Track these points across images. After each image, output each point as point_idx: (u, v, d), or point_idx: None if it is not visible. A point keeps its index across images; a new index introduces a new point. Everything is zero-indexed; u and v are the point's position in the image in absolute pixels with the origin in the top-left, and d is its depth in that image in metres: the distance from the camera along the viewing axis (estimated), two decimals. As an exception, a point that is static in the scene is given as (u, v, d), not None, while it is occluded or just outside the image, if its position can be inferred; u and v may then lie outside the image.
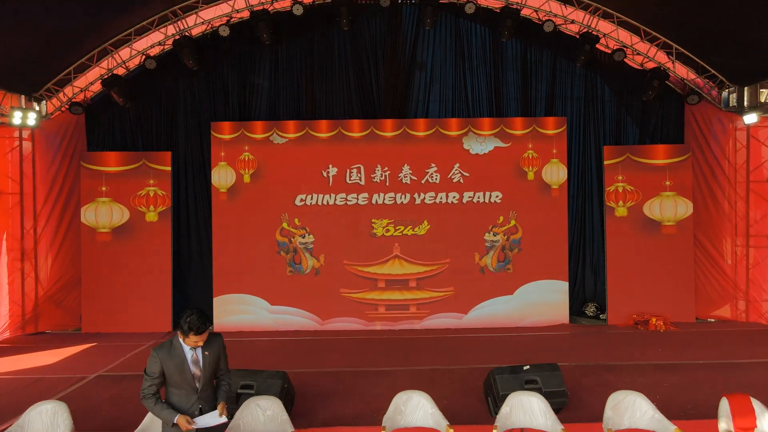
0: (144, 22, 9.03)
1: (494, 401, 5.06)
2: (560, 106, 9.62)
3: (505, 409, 4.39)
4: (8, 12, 6.95)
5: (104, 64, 9.25)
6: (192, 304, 9.38)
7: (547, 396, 4.66)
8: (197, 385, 3.51)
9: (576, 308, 9.74)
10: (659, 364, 6.92)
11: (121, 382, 6.57)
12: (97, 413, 5.64)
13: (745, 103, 9.13)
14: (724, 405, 4.26)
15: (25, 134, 9.11)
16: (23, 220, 9.09)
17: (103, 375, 6.93)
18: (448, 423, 4.27)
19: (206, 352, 3.54)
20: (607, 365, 6.90)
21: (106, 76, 9.08)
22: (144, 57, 9.20)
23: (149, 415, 4.23)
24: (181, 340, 3.49)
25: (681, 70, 9.45)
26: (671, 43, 9.19)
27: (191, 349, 3.50)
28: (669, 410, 4.63)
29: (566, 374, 5.67)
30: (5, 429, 4.28)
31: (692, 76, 9.45)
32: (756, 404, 4.24)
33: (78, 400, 5.92)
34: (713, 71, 9.23)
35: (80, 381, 6.67)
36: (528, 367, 5.31)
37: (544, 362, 5.58)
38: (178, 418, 3.38)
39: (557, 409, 4.93)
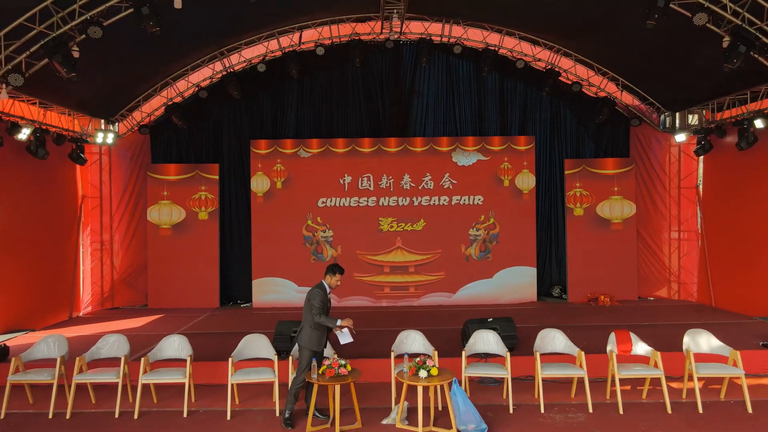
0: (198, 61, 11.36)
1: (466, 339, 7.34)
2: (530, 127, 11.95)
3: (471, 340, 6.68)
4: (93, 58, 9.19)
5: (165, 93, 11.58)
6: (234, 287, 11.85)
7: (503, 338, 6.90)
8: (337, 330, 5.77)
9: (544, 290, 12.05)
10: (596, 325, 9.19)
11: (198, 337, 8.87)
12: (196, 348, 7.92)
13: (677, 125, 11.46)
14: (612, 336, 6.56)
15: (104, 150, 11.45)
16: (102, 218, 11.44)
17: (182, 333, 9.22)
18: (434, 348, 6.55)
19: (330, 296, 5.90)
20: (557, 326, 9.17)
21: (168, 104, 11.41)
22: (197, 88, 11.53)
23: (240, 343, 6.51)
24: (326, 285, 5.77)
25: (627, 98, 11.77)
26: (618, 77, 11.51)
27: (329, 292, 5.81)
28: (586, 348, 6.84)
29: (525, 332, 7.89)
30: (147, 352, 6.58)
31: (636, 103, 11.78)
32: (633, 336, 6.54)
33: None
34: (652, 100, 11.56)
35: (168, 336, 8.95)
36: (491, 319, 7.62)
37: (506, 319, 7.87)
38: (342, 322, 5.62)
39: (510, 348, 7.18)
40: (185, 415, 6.05)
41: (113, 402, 6.17)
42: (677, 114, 11.44)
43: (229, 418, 5.97)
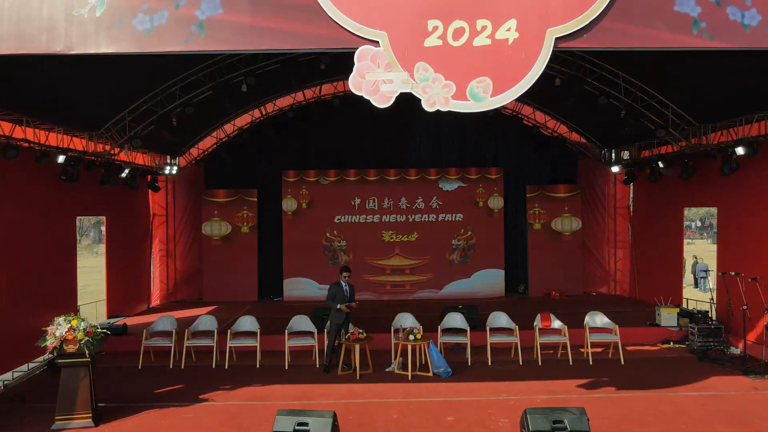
0: (241, 110, 14.64)
1: (442, 320, 10.63)
2: (501, 160, 15.22)
3: (444, 319, 9.97)
4: (167, 122, 12.42)
5: (215, 134, 14.87)
6: (270, 285, 15.08)
7: (468, 319, 10.16)
8: (346, 299, 9.01)
9: (511, 287, 15.31)
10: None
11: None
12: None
13: (613, 159, 14.76)
14: (538, 316, 9.84)
15: (170, 179, 14.77)
16: (167, 232, 14.75)
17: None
18: (419, 324, 9.81)
19: (347, 286, 9.12)
20: (511, 312, 12.47)
21: (218, 143, 14.71)
22: (240, 130, 14.83)
23: (291, 320, 9.77)
24: (342, 280, 9.05)
25: (575, 137, 15.08)
26: (567, 121, 14.81)
27: (345, 284, 9.07)
28: (521, 325, 10.04)
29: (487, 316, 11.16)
30: (229, 326, 9.85)
31: (583, 141, 15.09)
32: (552, 316, 9.82)
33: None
34: (594, 139, 14.88)
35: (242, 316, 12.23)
36: (461, 306, 10.92)
37: (472, 306, 11.15)
38: (340, 306, 8.88)
39: (473, 326, 10.41)
40: (257, 366, 9.34)
41: (209, 359, 9.47)
42: (613, 150, 14.73)
43: (286, 367, 9.27)
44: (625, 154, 14.54)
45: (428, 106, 5.25)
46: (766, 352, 9.02)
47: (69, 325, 6.61)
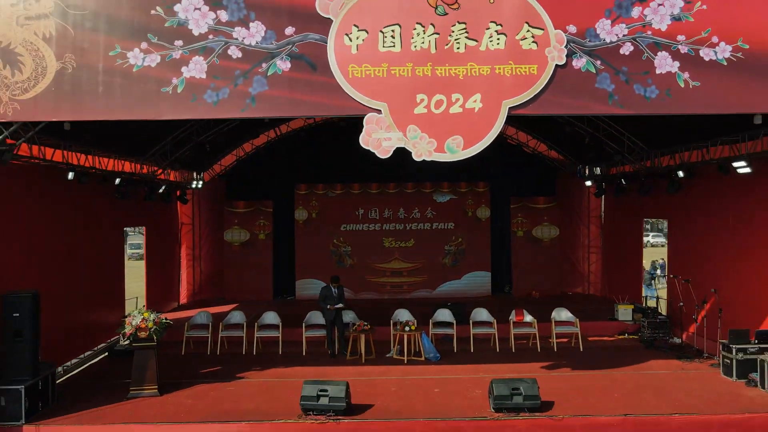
0: (258, 130, 16.58)
1: (432, 315, 12.57)
2: (488, 175, 17.12)
3: (434, 315, 11.93)
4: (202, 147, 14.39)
5: (235, 152, 16.82)
6: (283, 285, 17.00)
7: (455, 315, 12.12)
8: (335, 299, 10.99)
9: (498, 288, 17.26)
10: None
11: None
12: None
13: (586, 174, 16.69)
14: (513, 311, 11.79)
15: (195, 192, 16.72)
16: (193, 238, 16.71)
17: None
18: (415, 320, 11.73)
19: (336, 290, 11.09)
20: (495, 308, 14.40)
21: (238, 160, 16.66)
22: (257, 149, 16.78)
23: (306, 315, 11.72)
24: (331, 285, 11.03)
25: (554, 154, 17.03)
26: (546, 141, 16.76)
27: (334, 288, 11.04)
28: (500, 319, 11.98)
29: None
30: (255, 319, 11.79)
31: (561, 158, 17.04)
32: (525, 312, 11.77)
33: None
34: (570, 157, 16.83)
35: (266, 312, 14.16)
36: (450, 303, 12.86)
37: (459, 303, 13.09)
38: (329, 306, 10.87)
39: (459, 320, 12.31)
40: (280, 353, 11.29)
41: (239, 347, 11.41)
42: (587, 167, 16.66)
43: (304, 354, 11.22)
44: (597, 171, 16.47)
45: (416, 157, 7.23)
46: (697, 341, 10.98)
47: (142, 316, 8.58)
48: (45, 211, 9.61)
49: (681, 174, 11.58)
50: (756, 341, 9.06)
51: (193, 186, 16.20)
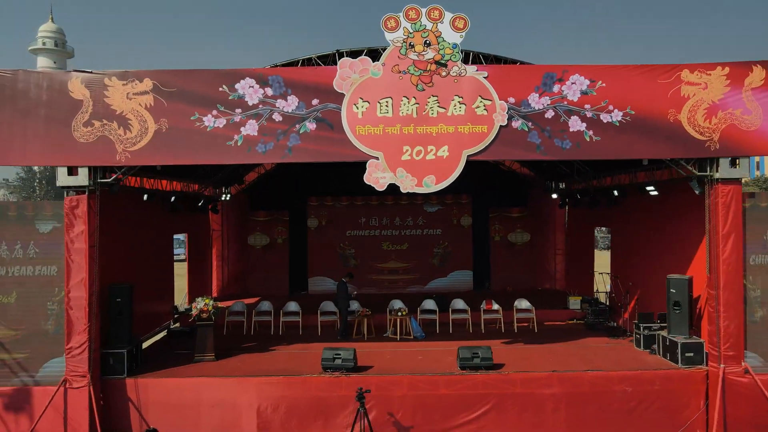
0: (277, 152, 19.69)
1: (420, 305, 15.71)
2: (470, 189, 20.22)
3: (422, 304, 15.09)
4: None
5: (257, 169, 19.97)
6: (298, 282, 20.17)
7: (438, 304, 15.26)
8: (350, 293, 14.16)
9: (479, 284, 20.41)
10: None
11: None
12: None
13: (553, 188, 19.84)
14: (483, 302, 14.93)
15: (224, 203, 19.87)
16: (222, 242, 19.88)
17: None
18: (406, 308, 14.86)
19: (347, 285, 14.27)
20: (473, 300, 17.51)
21: (259, 176, 19.81)
22: (275, 167, 19.90)
23: (321, 304, 14.86)
24: (344, 279, 14.22)
25: (526, 171, 20.15)
26: (518, 161, 19.88)
27: (346, 283, 14.21)
28: (474, 307, 15.12)
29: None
30: (280, 308, 14.93)
31: (532, 174, 20.17)
32: (493, 301, 14.92)
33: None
34: (538, 174, 19.97)
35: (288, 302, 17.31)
36: (435, 296, 16.01)
37: (442, 296, 16.22)
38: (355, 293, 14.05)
39: (441, 309, 15.44)
40: (300, 333, 14.43)
41: (268, 330, 14.57)
42: (553, 182, 19.81)
43: (319, 334, 14.36)
44: (562, 186, 19.63)
45: (403, 190, 10.38)
46: (627, 325, 14.13)
47: (204, 302, 11.75)
48: (131, 223, 12.74)
49: (616, 192, 14.72)
50: (658, 321, 12.20)
51: (223, 199, 19.36)
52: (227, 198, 19.48)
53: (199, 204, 17.00)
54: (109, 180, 10.47)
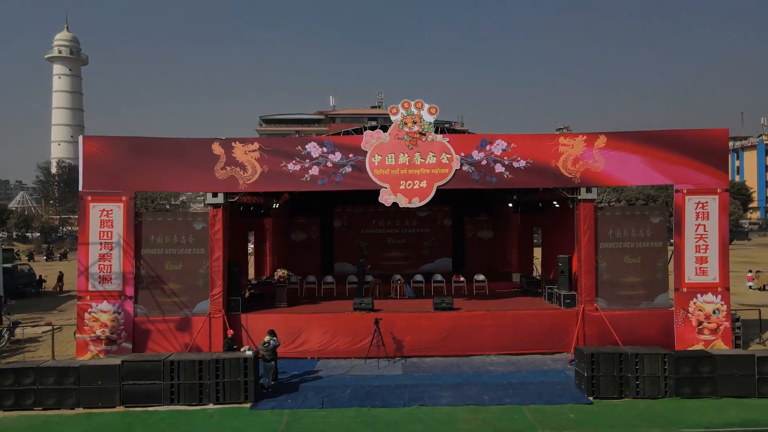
0: (312, 173, 27.56)
1: (413, 278, 23.45)
2: (451, 200, 28.00)
3: (413, 277, 22.89)
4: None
5: (297, 186, 27.77)
6: (327, 266, 28.05)
7: (424, 278, 23.01)
8: (363, 269, 21.98)
9: (457, 267, 28.14)
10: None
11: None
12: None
13: (510, 199, 27.60)
14: (453, 275, 22.70)
15: (275, 210, 27.75)
16: (272, 237, 27.71)
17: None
18: (403, 279, 22.61)
19: (362, 265, 22.11)
20: (449, 277, 25.24)
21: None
22: (311, 184, 27.77)
23: (348, 276, 22.64)
24: (361, 261, 22.08)
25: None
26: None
27: (361, 264, 22.06)
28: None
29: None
30: (321, 279, 22.72)
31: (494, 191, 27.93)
32: (461, 276, 22.71)
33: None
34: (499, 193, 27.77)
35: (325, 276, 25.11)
36: (423, 273, 23.81)
37: (428, 273, 23.97)
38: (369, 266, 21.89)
39: (426, 280, 23.18)
40: (334, 295, 22.23)
41: (313, 293, 22.40)
42: (513, 196, 27.60)
43: (347, 295, 22.17)
44: (515, 197, 27.43)
45: (401, 206, 18.22)
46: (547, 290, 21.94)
47: (282, 272, 19.63)
48: (235, 226, 20.59)
49: (540, 204, 22.55)
50: (555, 283, 20.02)
51: (274, 206, 27.23)
52: (276, 206, 27.41)
53: (262, 211, 24.90)
54: (233, 200, 18.35)
